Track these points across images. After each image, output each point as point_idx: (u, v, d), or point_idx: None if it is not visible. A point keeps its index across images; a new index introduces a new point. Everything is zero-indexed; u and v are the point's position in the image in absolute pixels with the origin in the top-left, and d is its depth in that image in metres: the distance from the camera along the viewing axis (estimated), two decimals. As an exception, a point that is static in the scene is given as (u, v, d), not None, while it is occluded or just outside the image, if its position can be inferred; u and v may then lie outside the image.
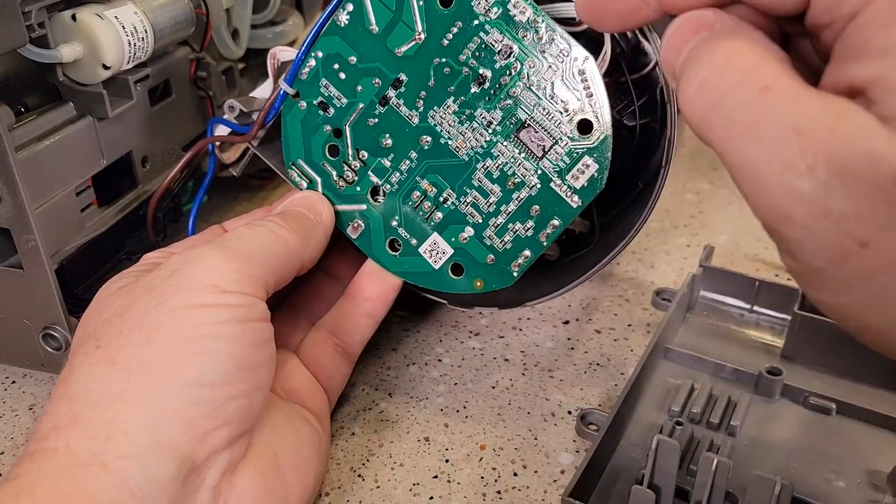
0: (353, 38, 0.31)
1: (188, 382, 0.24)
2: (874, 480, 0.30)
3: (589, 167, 0.30)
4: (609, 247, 0.33)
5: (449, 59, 0.30)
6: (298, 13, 0.53)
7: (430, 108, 0.31)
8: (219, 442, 0.25)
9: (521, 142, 0.30)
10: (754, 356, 0.37)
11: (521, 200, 0.31)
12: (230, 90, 0.47)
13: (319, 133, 0.33)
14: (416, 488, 0.31)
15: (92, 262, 0.39)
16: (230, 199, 0.51)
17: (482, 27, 0.30)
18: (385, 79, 0.31)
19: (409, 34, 0.31)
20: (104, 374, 0.24)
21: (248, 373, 0.26)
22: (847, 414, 0.33)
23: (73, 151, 0.35)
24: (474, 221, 0.32)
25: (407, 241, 0.33)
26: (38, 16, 0.32)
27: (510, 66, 0.30)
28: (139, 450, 0.23)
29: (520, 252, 0.32)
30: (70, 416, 0.24)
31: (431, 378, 0.37)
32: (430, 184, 0.32)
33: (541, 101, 0.30)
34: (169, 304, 0.25)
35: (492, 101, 0.30)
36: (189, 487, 0.24)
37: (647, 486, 0.27)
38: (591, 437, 0.32)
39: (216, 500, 0.25)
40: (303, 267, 0.31)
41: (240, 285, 0.26)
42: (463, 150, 0.31)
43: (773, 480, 0.26)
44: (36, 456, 0.23)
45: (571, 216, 0.31)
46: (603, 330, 0.41)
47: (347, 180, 0.33)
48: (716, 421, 0.33)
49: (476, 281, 0.33)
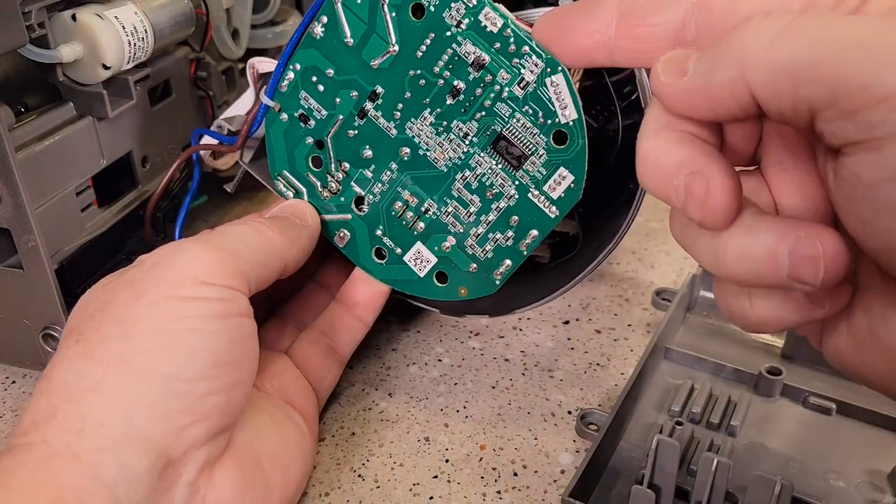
0: (330, 51, 0.31)
1: (165, 376, 0.24)
2: (874, 480, 0.30)
3: (565, 178, 0.30)
4: (601, 248, 0.33)
5: (423, 70, 0.30)
6: (298, 13, 0.53)
7: (407, 120, 0.31)
8: (196, 437, 0.25)
9: (498, 153, 0.30)
10: (754, 356, 0.37)
11: (501, 210, 0.31)
12: (230, 90, 0.47)
13: (302, 145, 0.33)
14: (416, 488, 0.31)
15: (92, 262, 0.39)
16: (230, 199, 0.51)
17: (454, 38, 0.29)
18: (362, 91, 0.31)
19: (383, 46, 0.30)
20: (82, 367, 0.24)
21: (228, 368, 0.26)
22: (847, 414, 0.33)
23: (73, 151, 0.35)
24: (456, 231, 0.32)
25: (392, 250, 0.34)
26: (38, 16, 0.32)
27: (483, 78, 0.29)
28: (113, 442, 0.23)
29: (501, 261, 0.32)
30: (48, 410, 0.24)
31: (431, 378, 0.37)
32: (411, 194, 0.32)
33: (515, 113, 0.30)
34: (148, 297, 0.25)
35: (467, 112, 0.30)
36: (165, 482, 0.24)
37: (647, 486, 0.27)
38: (591, 437, 0.32)
39: (194, 496, 0.25)
40: (286, 269, 0.31)
41: (221, 278, 0.26)
42: (441, 161, 0.31)
43: (773, 480, 0.26)
44: (14, 451, 0.23)
45: (550, 226, 0.31)
46: (603, 330, 0.41)
47: (332, 191, 0.33)
48: (716, 421, 0.33)
49: (461, 288, 0.33)
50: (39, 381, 0.25)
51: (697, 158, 0.20)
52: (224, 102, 0.46)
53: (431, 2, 0.29)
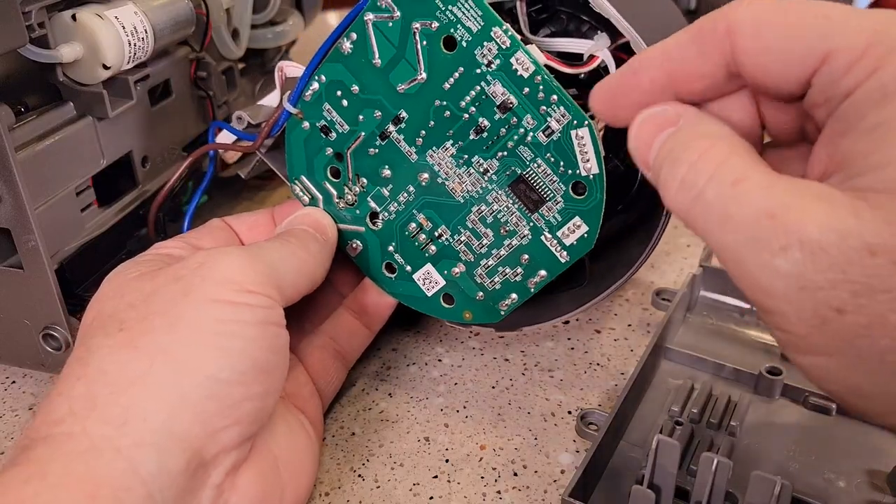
0: (357, 69, 0.31)
1: (207, 377, 0.24)
2: (874, 480, 0.30)
3: (580, 227, 0.30)
4: (612, 274, 0.33)
5: (450, 103, 0.30)
6: (298, 13, 0.53)
7: (428, 148, 0.31)
8: (228, 441, 0.25)
9: (516, 194, 0.31)
10: (754, 356, 0.37)
11: (512, 248, 0.32)
12: (230, 90, 0.47)
13: (322, 155, 0.33)
14: (416, 488, 0.31)
15: (92, 262, 0.39)
16: (230, 199, 0.51)
17: (484, 77, 0.29)
18: (386, 113, 0.31)
19: (411, 73, 0.30)
20: (125, 356, 0.24)
21: (264, 375, 0.26)
22: (847, 414, 0.33)
23: (73, 151, 0.35)
24: (466, 259, 0.32)
25: (402, 267, 0.34)
26: (38, 16, 0.32)
27: (509, 120, 0.29)
28: (155, 437, 0.23)
29: (508, 294, 0.32)
30: (87, 399, 0.23)
31: (431, 378, 0.37)
32: (426, 218, 0.32)
33: (537, 158, 0.30)
34: (195, 295, 0.26)
35: (489, 150, 0.30)
36: (195, 483, 0.24)
37: (647, 485, 0.27)
38: (591, 437, 0.32)
39: (218, 498, 0.25)
40: (314, 285, 0.31)
41: (263, 287, 0.27)
42: (459, 192, 0.31)
43: (773, 480, 0.26)
44: (50, 441, 0.23)
45: (559, 270, 0.31)
46: (603, 330, 0.40)
47: (348, 202, 0.34)
48: (716, 421, 0.33)
49: (465, 312, 0.34)
50: (71, 363, 0.25)
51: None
52: (224, 102, 0.46)
53: (464, 37, 0.29)
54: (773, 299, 0.20)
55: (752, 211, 0.20)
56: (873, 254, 0.18)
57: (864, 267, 0.18)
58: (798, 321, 0.20)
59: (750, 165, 0.21)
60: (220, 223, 0.34)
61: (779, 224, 0.19)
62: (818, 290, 0.19)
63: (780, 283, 0.19)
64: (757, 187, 0.20)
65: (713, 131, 0.22)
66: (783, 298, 0.20)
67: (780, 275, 0.19)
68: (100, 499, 0.22)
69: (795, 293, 0.19)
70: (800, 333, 0.20)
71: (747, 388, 0.35)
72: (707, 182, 0.21)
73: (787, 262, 0.19)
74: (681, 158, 0.22)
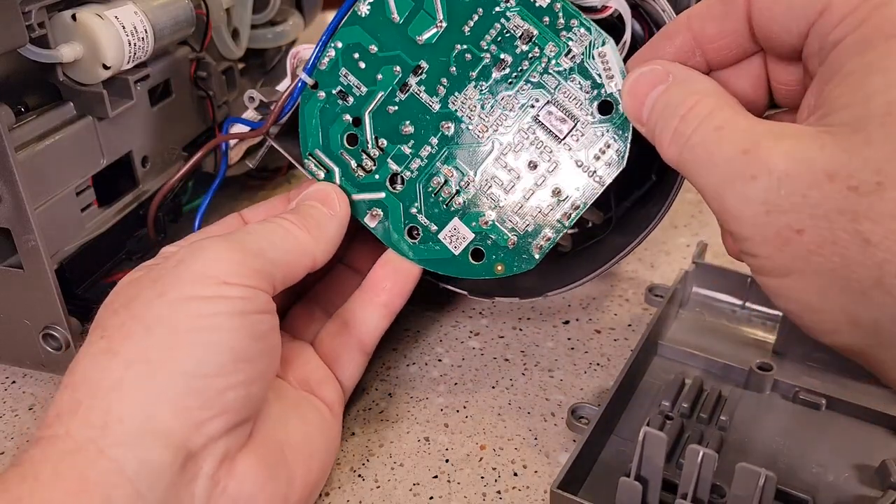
0: (374, 28, 0.32)
1: (184, 373, 0.25)
2: (862, 474, 0.30)
3: (610, 147, 0.31)
4: (626, 236, 0.33)
5: (470, 45, 0.31)
6: (298, 13, 0.53)
7: (451, 95, 0.32)
8: (215, 430, 0.25)
9: (543, 124, 0.31)
10: (746, 352, 0.37)
11: (544, 181, 0.32)
12: (230, 90, 0.47)
13: (338, 122, 0.33)
14: (416, 488, 0.31)
15: (92, 262, 0.39)
16: (231, 199, 0.52)
17: (503, 14, 0.30)
18: (406, 66, 0.32)
19: (430, 22, 0.31)
20: (105, 363, 0.25)
21: (246, 364, 0.26)
22: (836, 409, 0.33)
23: (73, 151, 0.35)
24: (496, 204, 0.32)
25: (427, 228, 0.33)
26: (38, 16, 0.32)
27: (531, 51, 0.30)
28: (133, 438, 0.24)
29: (541, 232, 0.32)
30: (71, 404, 0.24)
31: (431, 378, 0.37)
32: (450, 168, 0.32)
33: (561, 84, 0.30)
34: (170, 295, 0.26)
35: (513, 85, 0.31)
36: (187, 475, 0.24)
37: (634, 478, 0.27)
38: (581, 430, 0.32)
39: (215, 487, 0.25)
40: (315, 263, 0.31)
41: (242, 277, 0.27)
42: (484, 134, 0.32)
43: (757, 472, 0.26)
44: (41, 443, 0.24)
45: (594, 196, 0.31)
46: (603, 330, 0.41)
47: (366, 168, 0.33)
48: (706, 415, 0.33)
49: (497, 265, 0.33)
50: (65, 374, 0.26)
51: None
52: (224, 102, 0.46)
53: None
54: (744, 225, 0.23)
55: (730, 149, 0.23)
56: (831, 179, 0.21)
57: (822, 191, 0.21)
58: (763, 242, 0.22)
59: (732, 114, 0.24)
60: (233, 218, 0.34)
61: (751, 157, 0.22)
62: (782, 214, 0.22)
63: (749, 209, 0.22)
64: (737, 130, 0.23)
65: (702, 88, 0.25)
66: (751, 222, 0.22)
67: (749, 201, 0.22)
68: (88, 496, 0.23)
69: (763, 217, 0.22)
70: (765, 254, 0.23)
71: (738, 384, 0.35)
72: (694, 130, 0.24)
73: (756, 189, 0.22)
74: (673, 113, 0.25)
